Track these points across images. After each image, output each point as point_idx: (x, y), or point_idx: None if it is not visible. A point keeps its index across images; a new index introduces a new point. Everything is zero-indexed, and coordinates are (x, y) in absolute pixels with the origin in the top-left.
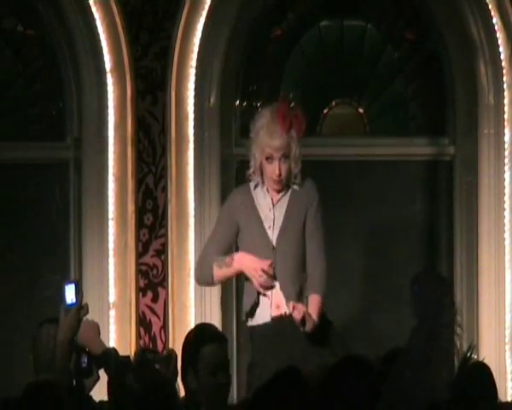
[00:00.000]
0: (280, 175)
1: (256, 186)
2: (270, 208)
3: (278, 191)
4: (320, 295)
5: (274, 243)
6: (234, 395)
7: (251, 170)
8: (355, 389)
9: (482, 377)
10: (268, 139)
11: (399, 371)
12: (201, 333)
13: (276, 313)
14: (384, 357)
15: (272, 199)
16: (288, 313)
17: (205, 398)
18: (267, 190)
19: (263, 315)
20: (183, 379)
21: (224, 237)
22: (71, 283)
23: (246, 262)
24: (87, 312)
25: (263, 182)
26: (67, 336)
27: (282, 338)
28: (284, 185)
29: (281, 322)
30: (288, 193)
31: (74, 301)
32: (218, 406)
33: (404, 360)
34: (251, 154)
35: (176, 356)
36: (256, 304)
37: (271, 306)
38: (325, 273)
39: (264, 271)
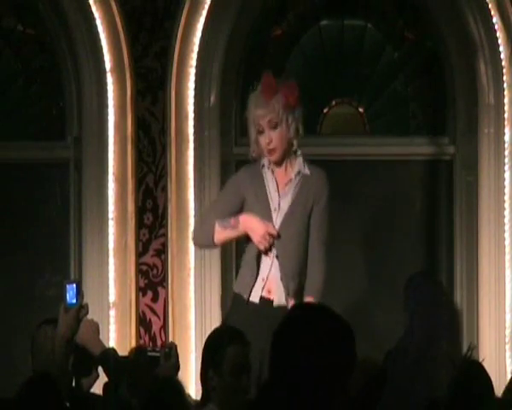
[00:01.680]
0: (269, 143)
1: (263, 166)
2: (276, 190)
3: (277, 164)
4: (315, 298)
5: (277, 227)
6: None
7: (251, 150)
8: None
9: (479, 376)
10: (254, 109)
11: (398, 371)
12: (227, 333)
13: (265, 295)
14: (384, 358)
15: (277, 182)
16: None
17: (226, 399)
18: (272, 171)
19: (254, 293)
20: (202, 377)
21: (228, 205)
22: (72, 283)
23: (251, 225)
24: (87, 312)
25: (262, 156)
26: (66, 335)
27: (261, 323)
28: (281, 156)
29: (266, 306)
30: (297, 179)
31: (75, 301)
32: (238, 407)
33: (402, 361)
34: (249, 135)
35: (177, 350)
36: (251, 279)
37: (264, 287)
38: (323, 275)
39: (270, 234)
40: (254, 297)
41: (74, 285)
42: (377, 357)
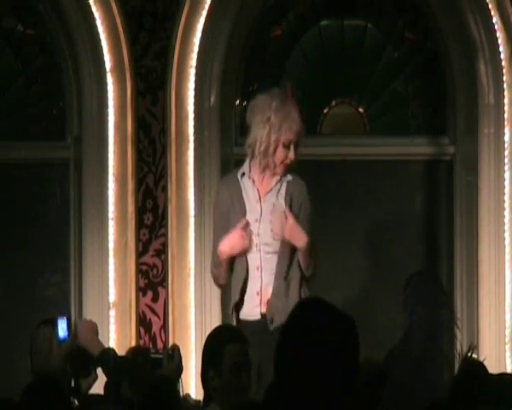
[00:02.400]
0: (293, 157)
1: (243, 175)
2: (257, 200)
3: (277, 176)
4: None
5: (259, 237)
6: None
7: (256, 153)
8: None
9: (480, 375)
10: (286, 123)
11: (398, 371)
12: (225, 332)
13: (265, 309)
14: (385, 358)
15: (259, 191)
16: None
17: (226, 398)
18: (253, 180)
19: (253, 312)
20: (202, 378)
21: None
22: (62, 317)
23: (228, 246)
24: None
25: (265, 166)
26: (61, 365)
27: (266, 334)
28: (285, 170)
29: (266, 322)
30: (278, 186)
31: (67, 334)
32: (239, 406)
33: (402, 361)
34: (257, 138)
35: (179, 352)
36: (243, 297)
37: (261, 303)
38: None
39: (243, 229)
40: (256, 314)
41: (65, 319)
42: (378, 357)
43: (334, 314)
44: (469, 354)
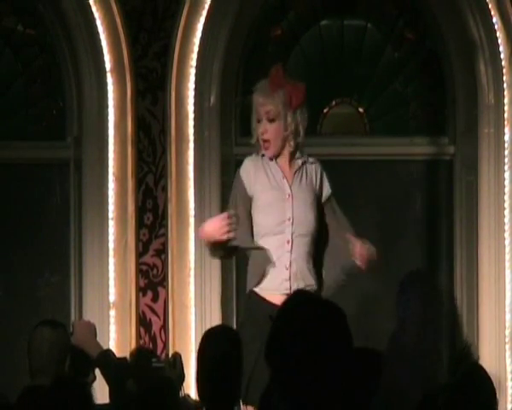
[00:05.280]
0: (264, 134)
1: (264, 156)
2: (283, 177)
3: (270, 157)
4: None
5: (292, 213)
6: None
7: (253, 137)
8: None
9: (479, 379)
10: (256, 95)
11: (391, 366)
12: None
13: (297, 285)
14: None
15: (283, 171)
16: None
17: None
18: (276, 161)
19: (281, 286)
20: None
21: (247, 215)
22: None
23: (205, 231)
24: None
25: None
26: (59, 366)
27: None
28: (274, 151)
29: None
30: (304, 167)
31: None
32: None
33: (393, 354)
34: (251, 121)
35: (181, 359)
36: (264, 274)
37: (290, 277)
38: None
39: (225, 222)
40: (282, 290)
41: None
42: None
43: (322, 305)
44: (465, 352)
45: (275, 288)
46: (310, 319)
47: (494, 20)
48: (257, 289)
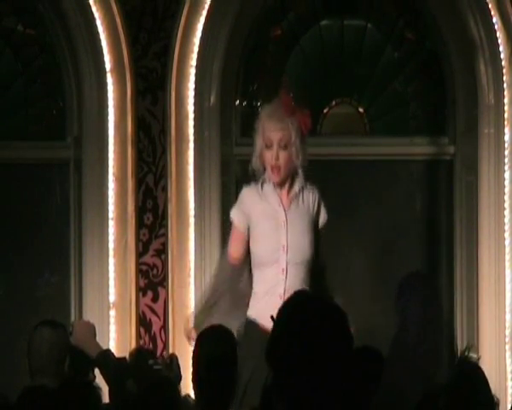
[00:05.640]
0: (277, 160)
1: (263, 182)
2: (280, 204)
3: (279, 184)
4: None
5: (287, 241)
6: None
7: (253, 161)
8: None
9: (475, 376)
10: (268, 121)
11: (391, 366)
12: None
13: None
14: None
15: (280, 197)
16: None
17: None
18: (273, 186)
19: (263, 317)
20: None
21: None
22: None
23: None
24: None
25: (264, 172)
26: (59, 366)
27: None
28: (284, 177)
29: None
30: (301, 193)
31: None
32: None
33: (394, 355)
34: (254, 145)
35: (177, 361)
36: (270, 299)
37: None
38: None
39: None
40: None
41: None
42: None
43: (322, 305)
44: (467, 354)
45: (268, 316)
46: (310, 319)
47: (494, 20)
48: (252, 317)
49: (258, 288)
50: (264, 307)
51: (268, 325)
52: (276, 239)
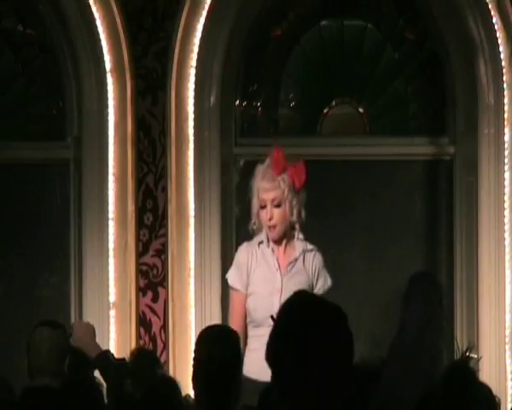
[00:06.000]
0: (270, 219)
1: (261, 243)
2: (277, 269)
3: (276, 242)
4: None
5: (278, 307)
6: None
7: (252, 221)
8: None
9: (474, 377)
10: (260, 182)
11: (392, 363)
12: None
13: None
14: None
15: (278, 260)
16: None
17: None
18: (272, 249)
19: (265, 374)
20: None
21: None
22: None
23: None
24: None
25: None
26: (58, 366)
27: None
28: (281, 234)
29: None
30: (300, 258)
31: None
32: None
33: (395, 352)
34: (251, 206)
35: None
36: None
37: None
38: None
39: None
40: (264, 377)
41: None
42: (373, 357)
43: (323, 306)
44: (468, 354)
45: (260, 375)
46: (310, 320)
47: (494, 20)
48: (248, 375)
49: (252, 345)
50: (257, 367)
51: (264, 379)
52: (269, 305)
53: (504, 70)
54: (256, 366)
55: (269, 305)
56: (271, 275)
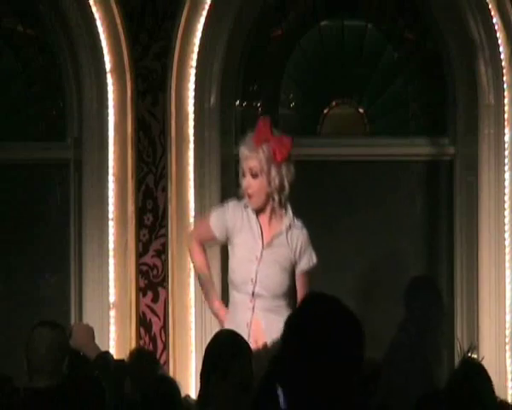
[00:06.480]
0: (247, 189)
1: (247, 207)
2: (259, 236)
3: (253, 209)
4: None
5: (257, 275)
6: None
7: (239, 189)
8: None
9: (479, 376)
10: (242, 149)
11: (392, 365)
12: (232, 342)
13: (253, 346)
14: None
15: (262, 229)
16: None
17: (225, 407)
18: (257, 216)
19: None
20: (202, 380)
21: (210, 232)
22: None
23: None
24: None
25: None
26: (58, 367)
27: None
28: (258, 205)
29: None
30: (285, 233)
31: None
32: None
33: (395, 356)
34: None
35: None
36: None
37: (249, 336)
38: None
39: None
40: None
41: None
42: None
43: (336, 307)
44: (470, 354)
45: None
46: (321, 320)
47: (494, 20)
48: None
49: (230, 307)
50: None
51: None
52: (246, 271)
53: (504, 70)
54: (230, 327)
55: (247, 271)
56: (254, 242)
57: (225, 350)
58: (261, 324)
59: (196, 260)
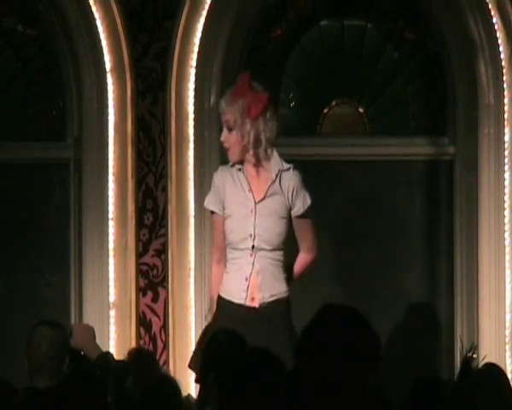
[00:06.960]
0: (224, 141)
1: (233, 166)
2: (249, 190)
3: (232, 163)
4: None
5: (256, 225)
6: None
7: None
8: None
9: (481, 376)
10: (220, 103)
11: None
12: (229, 340)
13: (250, 303)
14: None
15: (249, 183)
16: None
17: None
18: (243, 172)
19: (238, 295)
20: (201, 379)
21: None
22: None
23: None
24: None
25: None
26: (58, 367)
27: (247, 329)
28: (235, 158)
29: (251, 313)
30: (276, 179)
31: None
32: None
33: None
34: None
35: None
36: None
37: (247, 295)
38: (316, 242)
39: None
40: (241, 298)
41: None
42: None
43: (359, 323)
44: (471, 354)
45: (232, 297)
46: (333, 330)
47: (494, 20)
48: (223, 294)
49: (229, 268)
50: (231, 288)
51: (236, 301)
52: (243, 226)
53: (504, 70)
54: (229, 287)
55: (244, 227)
56: (244, 197)
57: (223, 349)
58: (258, 279)
59: (214, 282)
